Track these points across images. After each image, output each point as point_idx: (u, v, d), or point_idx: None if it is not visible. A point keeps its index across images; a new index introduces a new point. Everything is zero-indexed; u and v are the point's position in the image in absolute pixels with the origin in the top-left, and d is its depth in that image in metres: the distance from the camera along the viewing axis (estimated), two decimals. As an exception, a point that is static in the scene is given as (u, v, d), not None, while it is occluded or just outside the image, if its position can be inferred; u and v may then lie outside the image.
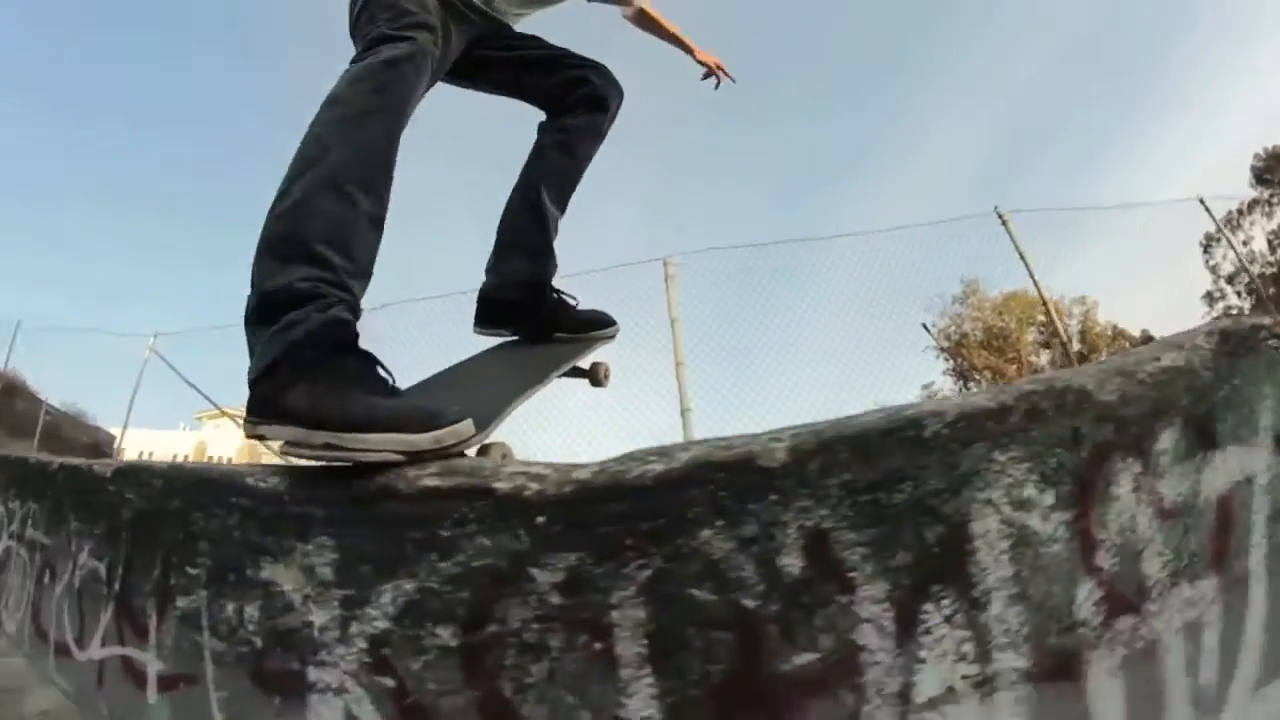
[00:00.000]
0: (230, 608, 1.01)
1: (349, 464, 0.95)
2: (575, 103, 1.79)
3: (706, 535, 0.75)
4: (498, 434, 1.23)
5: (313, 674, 0.90)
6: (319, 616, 0.90)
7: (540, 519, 0.80)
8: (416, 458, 0.93)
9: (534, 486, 0.81)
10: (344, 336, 1.09)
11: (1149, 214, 8.37)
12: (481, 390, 1.40)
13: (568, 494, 0.80)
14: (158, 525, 1.21)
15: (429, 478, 0.88)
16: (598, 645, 0.76)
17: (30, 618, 1.86)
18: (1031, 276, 6.84)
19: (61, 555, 1.63)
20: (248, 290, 1.11)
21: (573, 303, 1.78)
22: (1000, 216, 6.73)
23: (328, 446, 0.96)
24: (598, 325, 1.78)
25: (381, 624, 0.85)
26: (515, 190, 1.80)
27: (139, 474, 1.31)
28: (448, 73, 1.63)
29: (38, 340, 11.54)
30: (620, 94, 1.86)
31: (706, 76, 2.23)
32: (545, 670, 0.78)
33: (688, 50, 2.20)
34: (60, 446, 9.93)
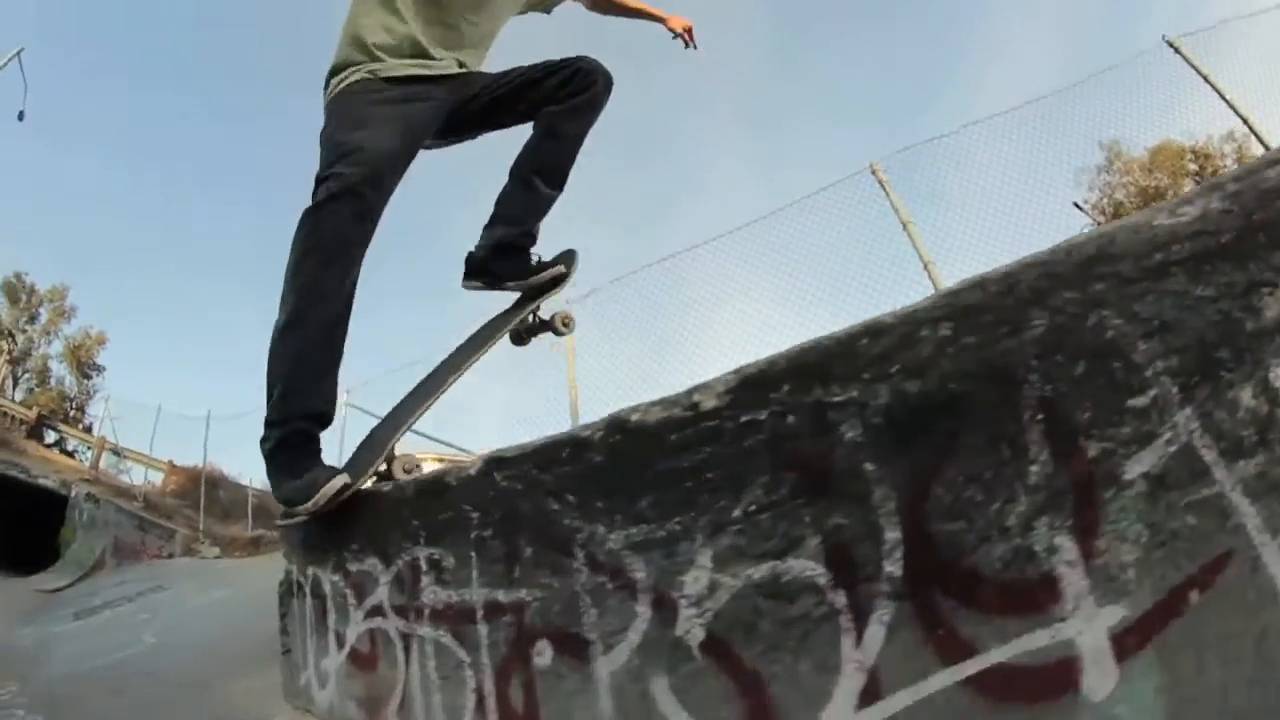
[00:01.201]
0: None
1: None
2: (557, 96, 1.93)
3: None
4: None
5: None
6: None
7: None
8: (316, 516, 1.54)
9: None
10: (287, 444, 1.59)
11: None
12: (381, 430, 1.81)
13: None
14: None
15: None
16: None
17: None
18: (1230, 109, 5.71)
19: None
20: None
21: (535, 259, 2.00)
22: (1171, 45, 5.81)
23: (284, 517, 1.64)
24: (539, 271, 1.98)
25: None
26: (510, 171, 2.01)
27: (524, 458, 1.31)
28: (441, 135, 1.91)
29: (230, 427, 13.90)
30: (603, 74, 1.98)
31: (676, 39, 2.30)
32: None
33: (658, 19, 2.26)
34: (272, 521, 10.76)
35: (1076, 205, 10.09)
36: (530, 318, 1.97)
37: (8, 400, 19.56)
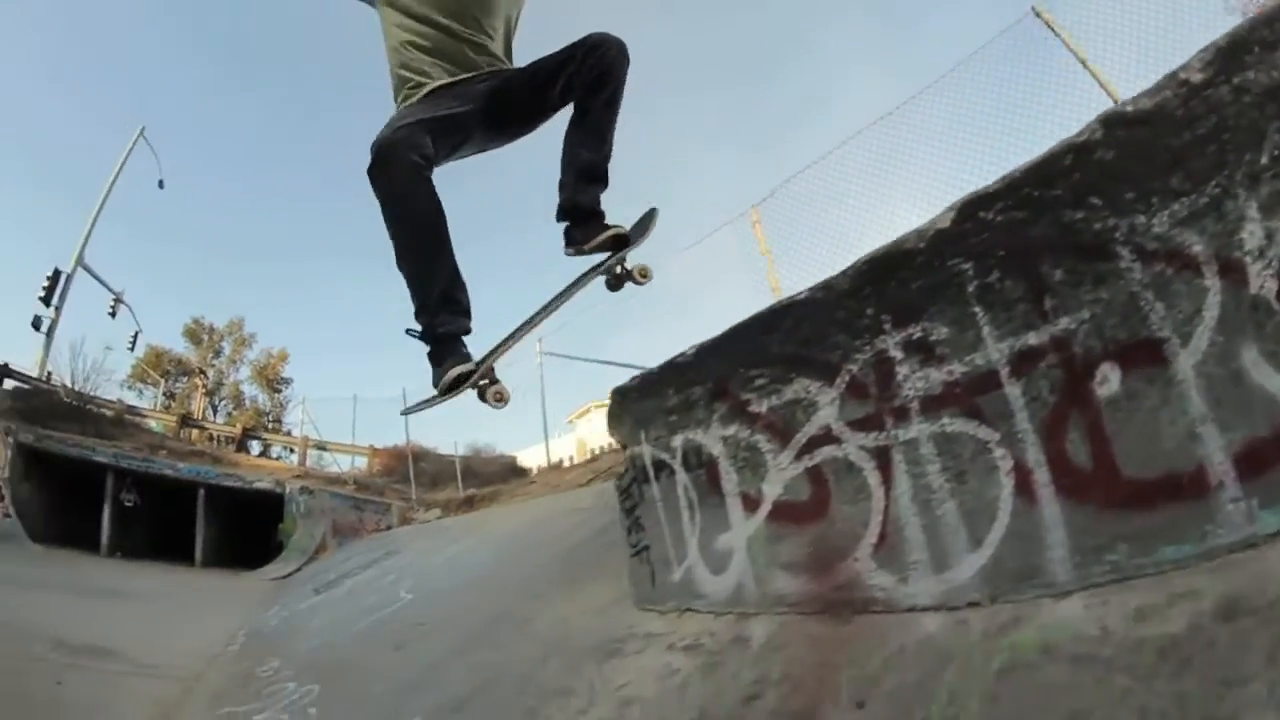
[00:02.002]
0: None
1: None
2: (574, 83, 2.00)
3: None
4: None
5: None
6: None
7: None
8: (447, 394, 1.72)
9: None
10: (434, 337, 1.81)
11: None
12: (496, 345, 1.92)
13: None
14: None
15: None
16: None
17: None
18: None
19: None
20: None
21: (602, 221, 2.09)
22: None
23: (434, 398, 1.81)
24: (604, 232, 2.05)
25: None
26: (562, 146, 2.12)
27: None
28: (493, 132, 2.08)
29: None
30: (614, 44, 1.99)
31: None
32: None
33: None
34: (479, 481, 13.05)
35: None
36: (618, 268, 2.07)
37: (211, 423, 22.12)
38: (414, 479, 14.91)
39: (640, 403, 2.03)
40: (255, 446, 20.89)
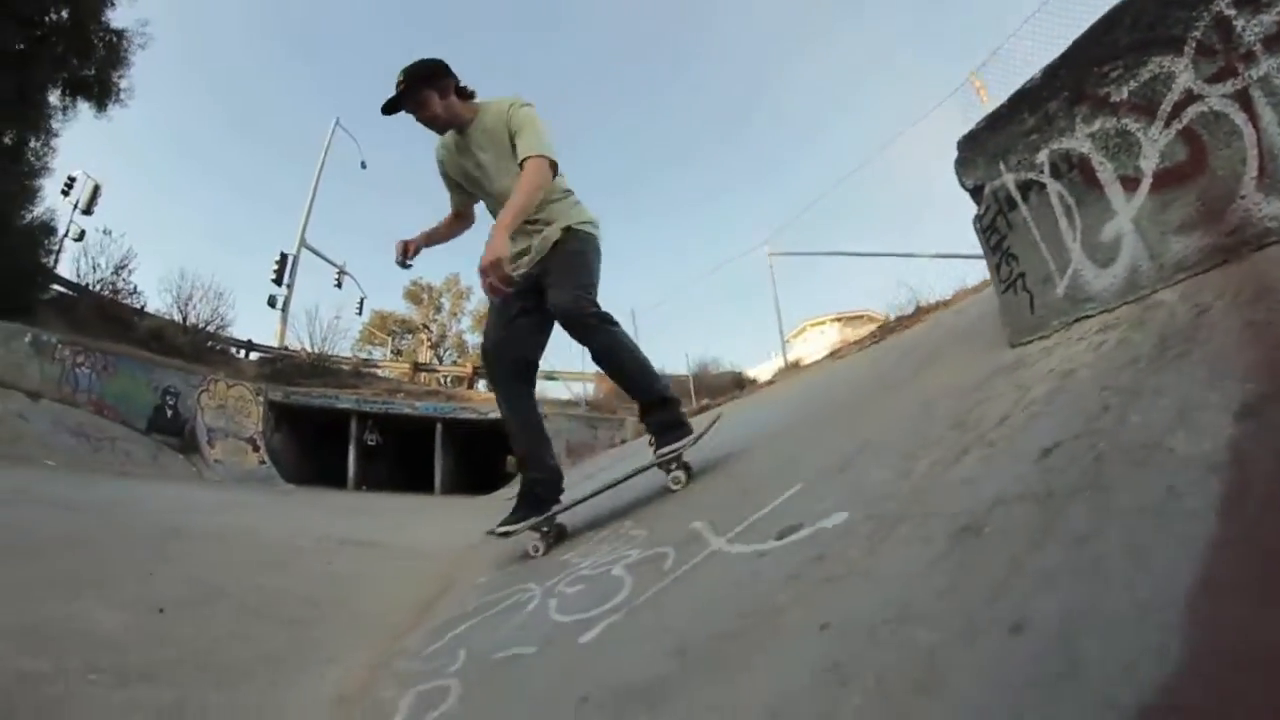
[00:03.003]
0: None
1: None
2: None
3: None
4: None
5: None
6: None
7: None
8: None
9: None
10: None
11: None
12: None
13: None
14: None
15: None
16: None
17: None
18: None
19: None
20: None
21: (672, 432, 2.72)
22: None
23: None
24: (666, 451, 2.71)
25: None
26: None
27: None
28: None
29: (652, 317, 16.37)
30: (562, 311, 2.69)
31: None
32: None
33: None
34: (708, 393, 13.51)
35: None
36: (672, 465, 2.71)
37: (442, 367, 24.22)
38: (648, 394, 15.08)
39: (994, 137, 2.09)
40: (483, 386, 21.79)
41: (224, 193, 58.77)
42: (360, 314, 23.98)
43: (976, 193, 2.20)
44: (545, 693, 1.33)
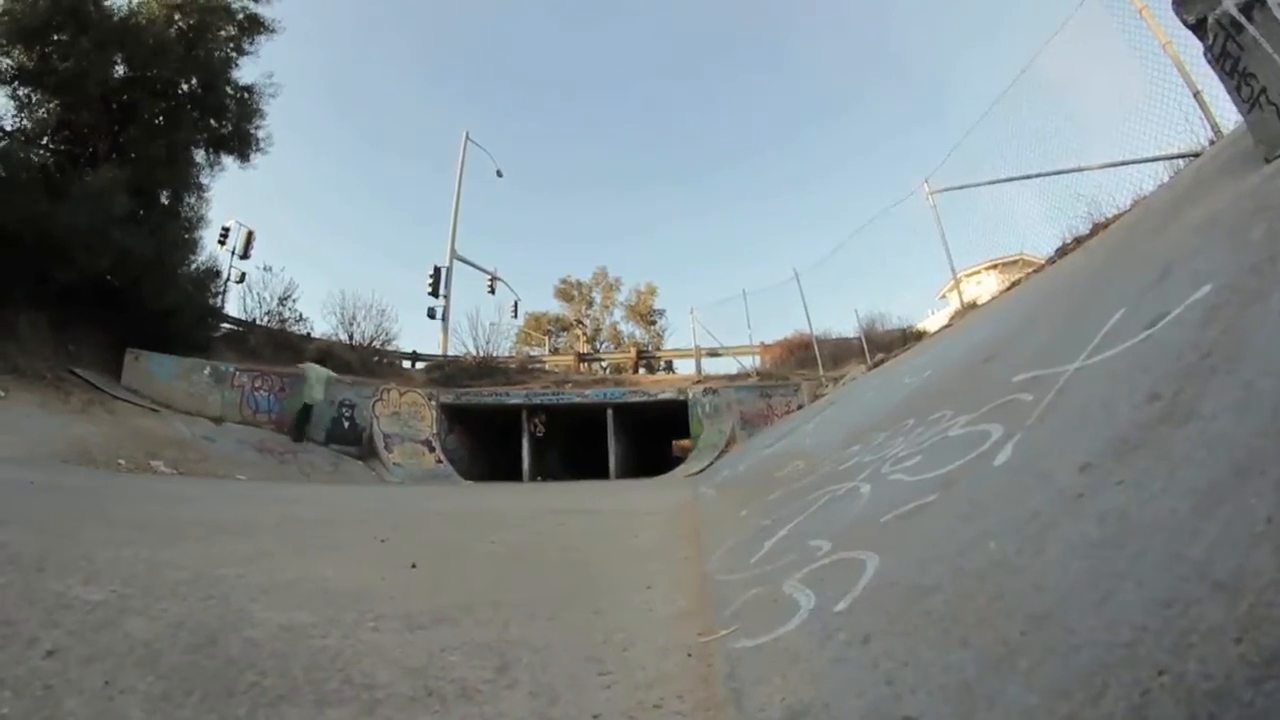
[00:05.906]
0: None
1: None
2: None
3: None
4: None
5: None
6: None
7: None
8: None
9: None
10: None
11: None
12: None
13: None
14: None
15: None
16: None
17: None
18: None
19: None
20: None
21: None
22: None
23: None
24: None
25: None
26: None
27: None
28: None
29: (814, 278, 16.44)
30: None
31: None
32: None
33: None
34: (880, 348, 12.93)
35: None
36: None
37: (606, 354, 24.13)
38: (819, 358, 14.74)
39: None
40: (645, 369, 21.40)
41: (377, 214, 62.69)
42: (515, 315, 24.39)
43: (1199, 26, 2.20)
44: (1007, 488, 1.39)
